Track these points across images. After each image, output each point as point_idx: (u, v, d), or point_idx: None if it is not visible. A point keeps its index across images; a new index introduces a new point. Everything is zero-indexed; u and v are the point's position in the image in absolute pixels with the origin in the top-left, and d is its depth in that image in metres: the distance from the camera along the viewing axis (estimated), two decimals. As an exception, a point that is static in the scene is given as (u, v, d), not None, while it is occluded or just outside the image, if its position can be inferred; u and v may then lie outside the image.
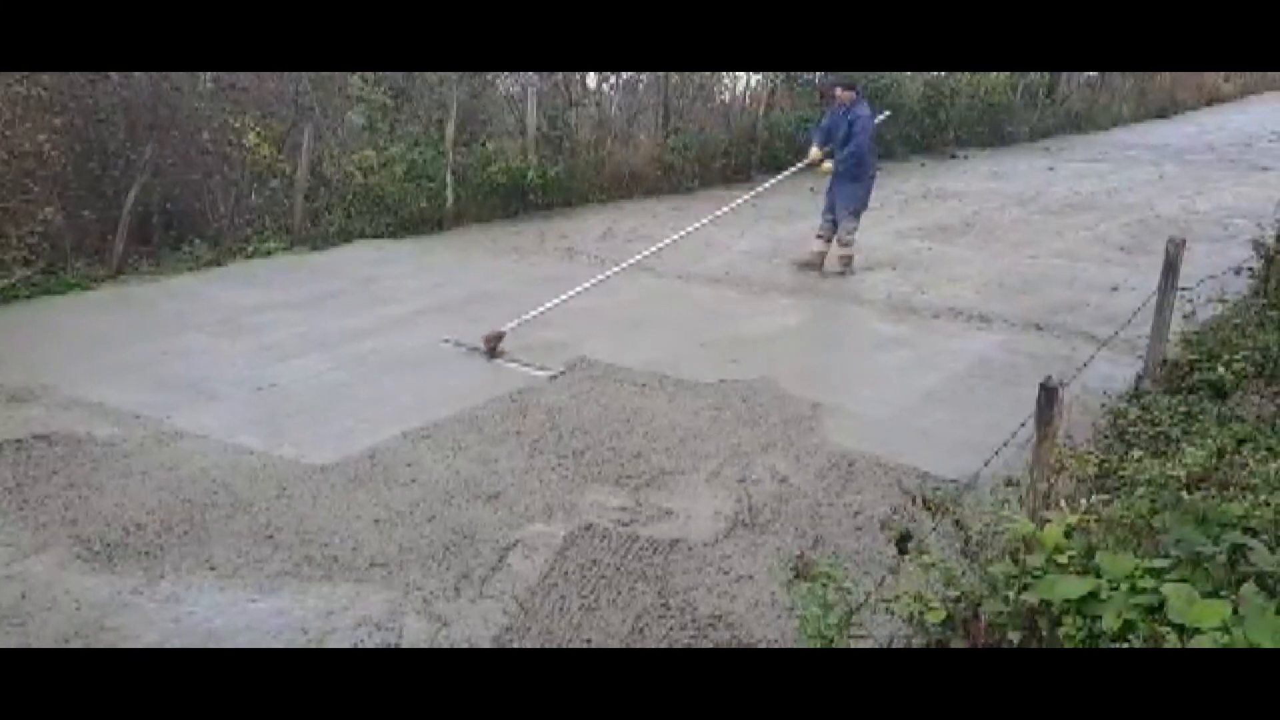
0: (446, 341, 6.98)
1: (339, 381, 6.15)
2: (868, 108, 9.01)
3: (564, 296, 7.37)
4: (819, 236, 9.22)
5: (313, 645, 3.56)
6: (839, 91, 9.06)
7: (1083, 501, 2.85)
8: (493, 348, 6.79)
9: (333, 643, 3.59)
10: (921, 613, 2.61)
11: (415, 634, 3.65)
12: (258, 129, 9.76)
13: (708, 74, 14.65)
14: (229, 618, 3.72)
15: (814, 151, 9.11)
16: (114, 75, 8.97)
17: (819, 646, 2.56)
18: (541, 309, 7.15)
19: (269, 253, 9.60)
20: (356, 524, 4.42)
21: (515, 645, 3.59)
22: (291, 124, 10.67)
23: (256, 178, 10.25)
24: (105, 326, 7.28)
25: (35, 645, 3.54)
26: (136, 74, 9.04)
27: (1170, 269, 5.56)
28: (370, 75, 11.12)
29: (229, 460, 5.01)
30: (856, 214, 9.07)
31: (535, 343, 6.84)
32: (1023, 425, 3.65)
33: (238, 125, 9.75)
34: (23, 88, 8.47)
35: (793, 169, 9.35)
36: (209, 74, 9.95)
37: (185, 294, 8.21)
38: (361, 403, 5.80)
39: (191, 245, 9.38)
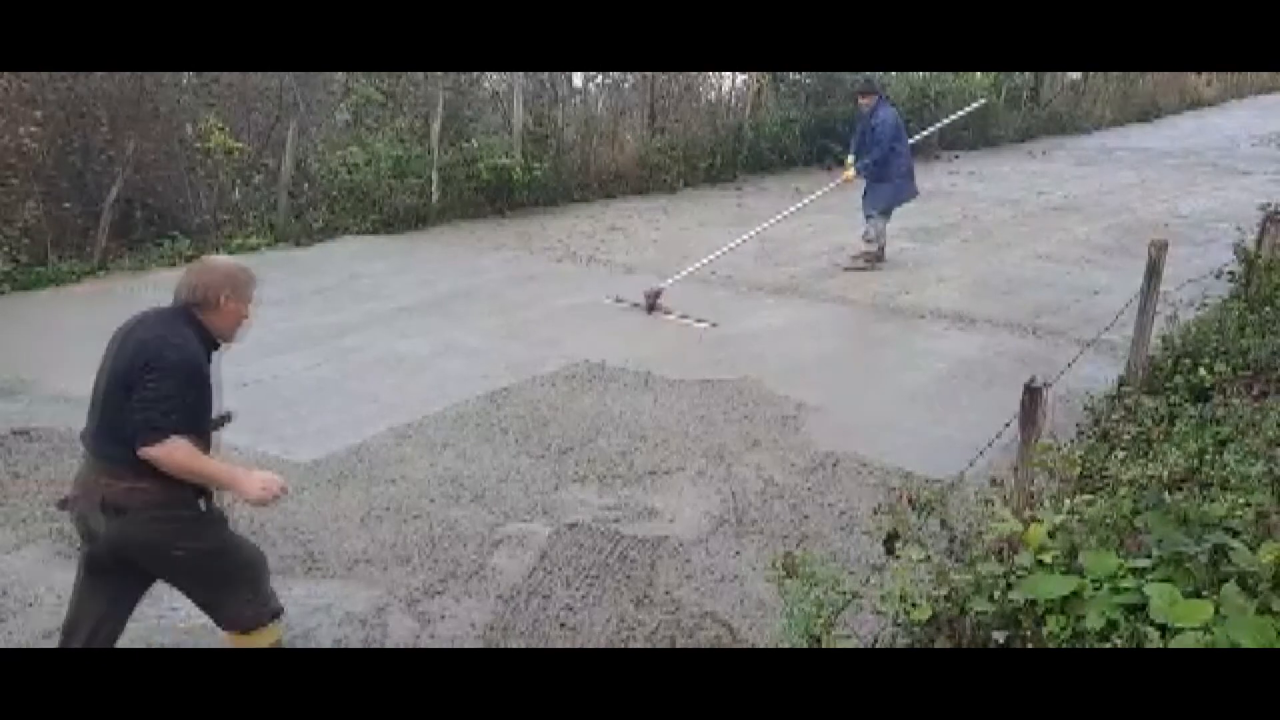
0: (618, 300, 7.87)
1: (323, 378, 6.13)
2: (889, 110, 9.17)
3: (711, 256, 8.48)
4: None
5: (296, 643, 3.54)
6: (860, 99, 9.32)
7: (1066, 501, 2.86)
8: (652, 303, 7.53)
9: (316, 641, 3.57)
10: (907, 611, 2.61)
11: (399, 632, 3.64)
12: (223, 127, 9.67)
13: (694, 74, 14.66)
14: (212, 615, 3.70)
15: (849, 172, 9.24)
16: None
17: (805, 646, 2.56)
18: (693, 267, 8.27)
19: (253, 248, 9.55)
20: (341, 521, 4.40)
21: (499, 643, 3.59)
22: (276, 119, 10.61)
23: (240, 173, 10.19)
24: (87, 321, 7.21)
25: (15, 643, 3.51)
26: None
27: (1152, 272, 5.60)
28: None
29: (212, 457, 4.97)
30: (885, 214, 9.24)
31: (535, 340, 6.83)
32: (1007, 425, 3.68)
33: (203, 125, 9.66)
34: (3, 81, 8.40)
35: (833, 185, 9.44)
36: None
37: (168, 289, 8.06)
38: (346, 399, 5.78)
39: (174, 240, 9.32)
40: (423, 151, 11.02)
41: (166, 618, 3.68)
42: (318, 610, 3.75)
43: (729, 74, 15.25)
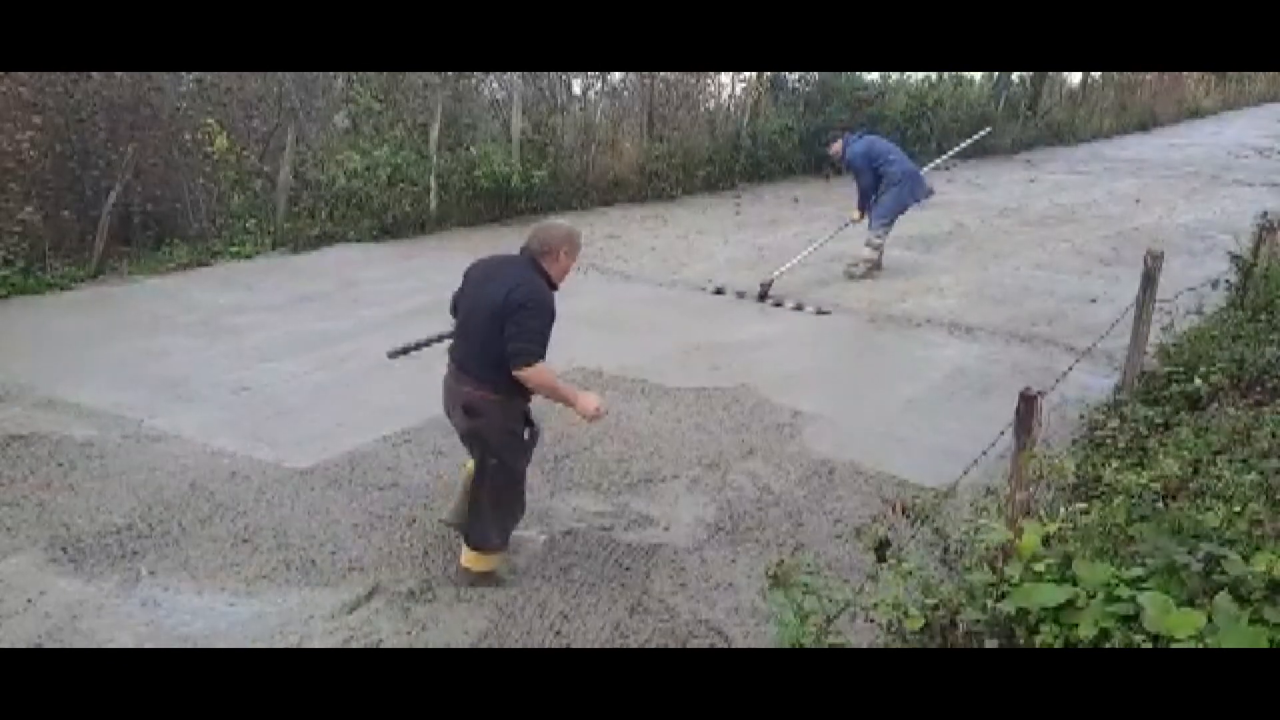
0: (716, 292, 8.70)
1: (319, 384, 6.13)
2: (856, 144, 9.40)
3: (815, 245, 9.27)
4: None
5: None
6: (829, 150, 9.83)
7: (1060, 510, 2.87)
8: (764, 292, 8.46)
9: (310, 646, 3.56)
10: (899, 620, 2.61)
11: (393, 639, 3.63)
12: (224, 133, 9.67)
13: (693, 82, 14.69)
14: (206, 621, 3.70)
15: (855, 213, 9.66)
16: (95, 75, 8.91)
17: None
18: (797, 259, 8.98)
19: (250, 255, 9.56)
20: (335, 527, 4.39)
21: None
22: (275, 126, 10.62)
23: (238, 180, 10.20)
24: (84, 327, 7.23)
25: (7, 647, 3.50)
26: (118, 74, 8.99)
27: (1148, 281, 5.61)
28: (356, 77, 11.09)
29: (207, 463, 4.97)
30: (886, 224, 9.36)
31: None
32: (1002, 434, 3.67)
33: (202, 131, 9.65)
34: (3, 86, 8.41)
35: (845, 224, 9.72)
36: (191, 74, 9.90)
37: (165, 295, 8.16)
38: (341, 405, 5.77)
39: (171, 246, 9.33)
40: (421, 158, 11.02)
41: (158, 624, 3.67)
42: (311, 618, 3.74)
43: (728, 83, 15.29)
